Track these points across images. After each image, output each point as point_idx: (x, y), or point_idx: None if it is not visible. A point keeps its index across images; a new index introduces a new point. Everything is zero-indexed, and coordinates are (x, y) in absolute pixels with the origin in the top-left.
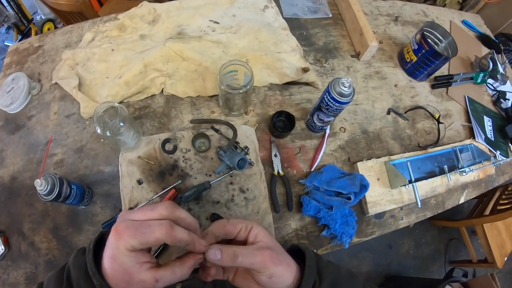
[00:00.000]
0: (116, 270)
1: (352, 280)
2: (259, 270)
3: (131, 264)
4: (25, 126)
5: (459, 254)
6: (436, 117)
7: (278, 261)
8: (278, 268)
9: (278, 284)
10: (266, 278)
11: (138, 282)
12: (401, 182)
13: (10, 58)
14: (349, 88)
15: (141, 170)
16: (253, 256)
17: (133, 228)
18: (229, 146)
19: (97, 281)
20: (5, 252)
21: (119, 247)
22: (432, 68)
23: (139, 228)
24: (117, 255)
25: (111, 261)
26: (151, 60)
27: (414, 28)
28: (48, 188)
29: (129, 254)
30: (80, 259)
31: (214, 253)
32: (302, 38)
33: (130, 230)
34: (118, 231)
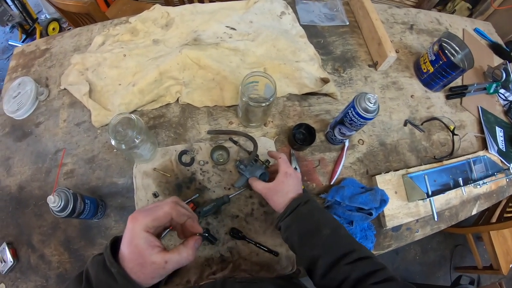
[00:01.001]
0: (132, 252)
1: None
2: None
3: (145, 246)
4: (32, 133)
5: (464, 260)
6: (451, 129)
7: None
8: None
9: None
10: (282, 176)
11: (150, 264)
12: (418, 196)
13: (16, 61)
14: (374, 104)
15: (157, 182)
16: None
17: (145, 210)
18: (250, 160)
19: (114, 269)
20: (14, 264)
21: (135, 229)
22: (448, 79)
23: (150, 209)
24: (134, 237)
25: (129, 244)
26: (167, 68)
27: (429, 37)
28: (62, 204)
29: (144, 235)
30: (98, 258)
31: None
32: (320, 46)
33: (143, 212)
34: (133, 217)
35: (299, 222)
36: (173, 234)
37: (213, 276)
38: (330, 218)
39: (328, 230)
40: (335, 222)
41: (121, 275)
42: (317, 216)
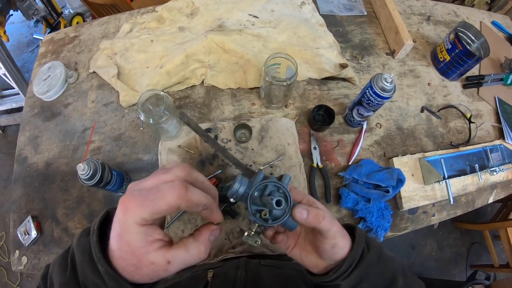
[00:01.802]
0: (124, 251)
1: (393, 259)
2: (329, 238)
3: (140, 243)
4: (61, 113)
5: (480, 259)
6: (467, 117)
7: (344, 234)
8: (342, 240)
9: (336, 254)
10: (329, 246)
11: (147, 265)
12: (435, 178)
13: (45, 47)
14: (391, 84)
15: (181, 159)
16: (331, 224)
17: (140, 196)
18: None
19: (102, 267)
20: (37, 237)
21: (127, 221)
22: (464, 68)
23: (148, 195)
24: (125, 232)
25: (118, 240)
26: (193, 51)
27: (446, 28)
28: (91, 173)
29: (138, 230)
30: (84, 240)
31: (301, 211)
32: (339, 35)
33: (137, 199)
34: (124, 203)
35: (371, 277)
36: None
37: (232, 250)
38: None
39: (401, 278)
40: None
41: (109, 275)
42: (388, 262)
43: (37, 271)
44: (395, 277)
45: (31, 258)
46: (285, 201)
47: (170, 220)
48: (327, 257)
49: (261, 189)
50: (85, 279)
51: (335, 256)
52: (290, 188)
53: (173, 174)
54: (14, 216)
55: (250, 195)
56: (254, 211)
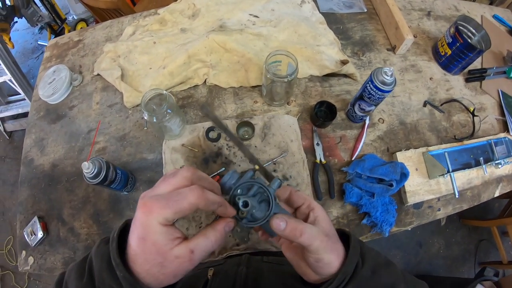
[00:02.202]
0: (149, 251)
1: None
2: (311, 252)
3: (164, 242)
4: (66, 115)
5: (489, 256)
6: (471, 110)
7: (330, 250)
8: (328, 255)
9: (322, 269)
10: (314, 260)
11: (172, 261)
12: (439, 171)
13: (50, 52)
14: (391, 77)
15: (185, 157)
16: (313, 239)
17: (163, 199)
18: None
19: (120, 273)
20: (43, 237)
21: (151, 223)
22: (466, 61)
23: (170, 198)
24: (149, 233)
25: (142, 243)
26: (195, 51)
27: (447, 23)
28: (95, 171)
29: (162, 230)
30: (103, 248)
31: (278, 223)
32: (339, 32)
33: (161, 202)
34: (147, 206)
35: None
36: None
37: (236, 248)
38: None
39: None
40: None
41: (127, 281)
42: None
43: (43, 271)
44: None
45: (37, 259)
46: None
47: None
48: (313, 270)
49: (247, 187)
50: (102, 285)
51: (321, 271)
52: (291, 190)
53: (181, 176)
54: (21, 217)
55: (233, 191)
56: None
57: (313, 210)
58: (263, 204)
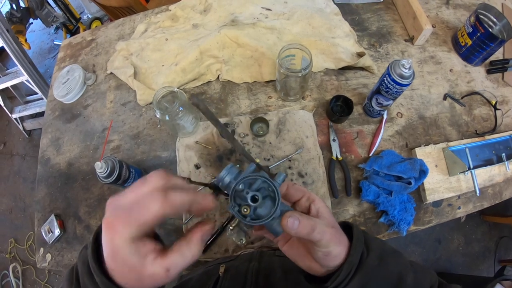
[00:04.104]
0: (122, 269)
1: (397, 255)
2: (321, 246)
3: (135, 259)
4: (81, 115)
5: (509, 253)
6: (493, 103)
7: (339, 242)
8: (337, 248)
9: (330, 261)
10: (323, 254)
11: (148, 277)
12: (460, 168)
13: (63, 52)
14: (409, 70)
15: (198, 154)
16: (323, 233)
17: (123, 214)
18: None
19: (97, 277)
20: (60, 234)
21: (116, 242)
22: (487, 52)
23: (131, 211)
24: (117, 252)
25: (113, 260)
26: (207, 47)
27: (466, 12)
28: (108, 170)
29: (130, 248)
30: (85, 253)
31: (292, 222)
32: (355, 23)
33: (121, 217)
34: (109, 223)
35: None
36: None
37: (250, 246)
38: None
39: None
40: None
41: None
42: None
43: (61, 268)
44: (401, 276)
45: (55, 255)
46: (272, 201)
47: (189, 215)
48: (321, 264)
49: (249, 182)
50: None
51: (330, 263)
52: (288, 184)
53: (150, 184)
54: (39, 215)
55: (234, 186)
56: (234, 204)
57: (313, 202)
58: (267, 200)
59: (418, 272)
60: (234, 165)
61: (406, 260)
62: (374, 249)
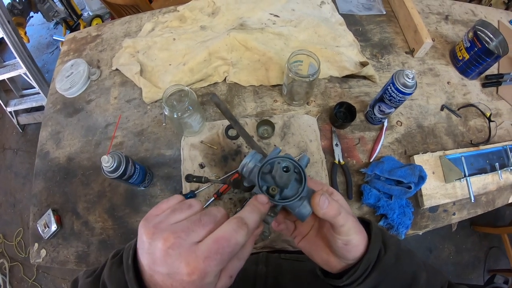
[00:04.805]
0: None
1: (411, 254)
2: (342, 234)
3: (212, 284)
4: (83, 109)
5: (498, 263)
6: (487, 116)
7: (359, 230)
8: (357, 236)
9: (349, 252)
10: (342, 243)
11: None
12: (456, 175)
13: (67, 46)
14: (412, 80)
15: (203, 154)
16: (347, 218)
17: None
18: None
19: None
20: (57, 230)
21: (206, 281)
22: (483, 66)
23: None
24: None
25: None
26: (215, 49)
27: (464, 27)
28: (115, 165)
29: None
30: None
31: (324, 200)
32: (358, 34)
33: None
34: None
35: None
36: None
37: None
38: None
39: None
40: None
41: None
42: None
43: (55, 264)
44: (415, 276)
45: (50, 251)
46: (298, 182)
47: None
48: (340, 255)
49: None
50: None
51: (348, 254)
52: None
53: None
54: (34, 210)
55: (261, 167)
56: (263, 183)
57: (332, 194)
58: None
59: (430, 272)
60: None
61: (420, 259)
62: (391, 247)
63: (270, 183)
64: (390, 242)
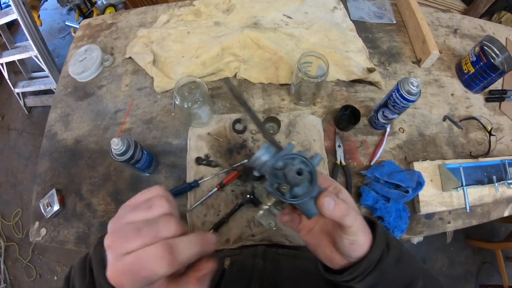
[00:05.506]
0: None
1: (412, 259)
2: (350, 234)
3: None
4: (94, 94)
5: (490, 279)
6: (488, 129)
7: (365, 231)
8: (363, 237)
9: (354, 252)
10: (348, 243)
11: None
12: (453, 184)
13: (82, 31)
14: (417, 88)
15: (209, 145)
16: (355, 219)
17: (129, 272)
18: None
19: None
20: (59, 210)
21: None
22: (488, 81)
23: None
24: None
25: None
26: (229, 44)
27: (472, 42)
28: (124, 148)
29: None
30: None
31: (329, 201)
32: (368, 41)
33: (127, 277)
34: (115, 279)
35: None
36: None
37: (251, 238)
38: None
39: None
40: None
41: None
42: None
43: (55, 244)
44: (413, 280)
45: (50, 231)
46: (308, 181)
47: (194, 203)
48: (344, 253)
49: (287, 161)
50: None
51: (353, 253)
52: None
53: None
54: (38, 189)
55: (274, 163)
56: (274, 181)
57: (340, 192)
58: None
59: (428, 279)
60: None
61: (419, 265)
62: (394, 249)
63: (280, 178)
64: (393, 244)
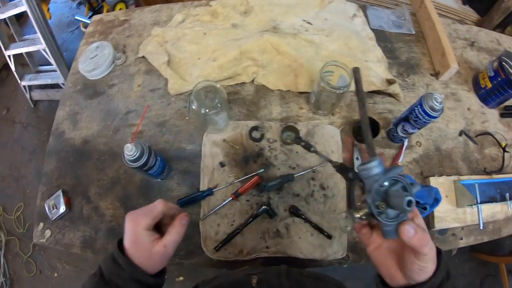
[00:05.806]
0: (139, 250)
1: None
2: (422, 261)
3: (148, 241)
4: (105, 93)
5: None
6: (502, 146)
7: (435, 260)
8: (432, 265)
9: (420, 276)
10: (418, 268)
11: (155, 254)
12: (468, 201)
13: (93, 27)
14: (440, 104)
15: (224, 153)
16: (431, 249)
17: (143, 213)
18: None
19: (121, 260)
20: (65, 212)
21: (138, 230)
22: (504, 96)
23: (148, 211)
24: (138, 237)
25: (134, 245)
26: (248, 49)
27: (488, 55)
28: (137, 155)
29: (146, 234)
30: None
31: (409, 229)
32: (387, 51)
33: (142, 214)
34: (133, 219)
35: None
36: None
37: (266, 250)
38: None
39: None
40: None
41: (127, 264)
42: None
43: (60, 247)
44: None
45: (55, 233)
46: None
47: (208, 212)
48: (410, 275)
49: (391, 182)
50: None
51: (419, 278)
52: None
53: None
54: (43, 189)
55: (382, 180)
56: (376, 198)
57: (416, 217)
58: None
59: None
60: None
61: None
62: (451, 279)
63: (380, 196)
64: (451, 273)
